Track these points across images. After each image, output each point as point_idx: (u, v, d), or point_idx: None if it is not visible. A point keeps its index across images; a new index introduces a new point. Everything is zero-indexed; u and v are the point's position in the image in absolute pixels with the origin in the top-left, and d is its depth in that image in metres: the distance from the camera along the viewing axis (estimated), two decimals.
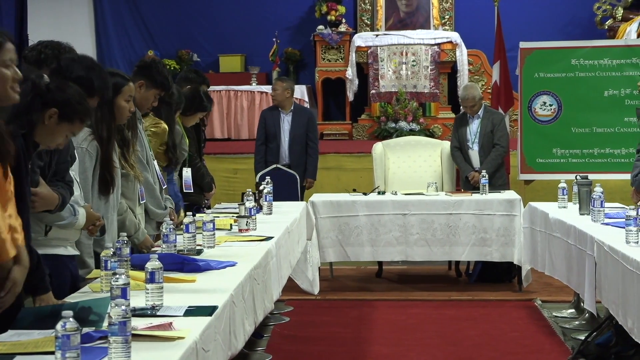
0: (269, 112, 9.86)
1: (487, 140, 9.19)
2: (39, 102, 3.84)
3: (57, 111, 3.86)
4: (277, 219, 6.96)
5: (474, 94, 9.31)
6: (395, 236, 8.47)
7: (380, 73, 13.41)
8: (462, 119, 9.51)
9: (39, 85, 3.88)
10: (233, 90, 13.86)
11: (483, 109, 9.32)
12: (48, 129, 3.87)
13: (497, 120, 9.35)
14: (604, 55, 9.68)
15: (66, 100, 3.90)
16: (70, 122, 3.91)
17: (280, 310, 7.66)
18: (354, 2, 14.50)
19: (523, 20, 13.79)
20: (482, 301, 8.10)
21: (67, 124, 3.90)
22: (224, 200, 8.76)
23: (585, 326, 6.96)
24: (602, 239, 5.71)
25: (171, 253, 4.96)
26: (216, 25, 14.84)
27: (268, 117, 9.74)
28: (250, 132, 13.51)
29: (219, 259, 4.98)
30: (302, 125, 9.66)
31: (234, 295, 4.25)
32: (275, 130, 9.61)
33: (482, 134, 9.24)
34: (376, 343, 6.81)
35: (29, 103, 3.79)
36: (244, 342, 4.55)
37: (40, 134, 3.86)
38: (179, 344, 3.27)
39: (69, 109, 3.89)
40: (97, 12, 15.00)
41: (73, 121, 3.92)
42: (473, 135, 9.27)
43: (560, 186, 7.49)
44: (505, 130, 9.41)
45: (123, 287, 3.58)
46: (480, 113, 9.28)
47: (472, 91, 9.40)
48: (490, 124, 9.25)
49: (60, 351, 2.81)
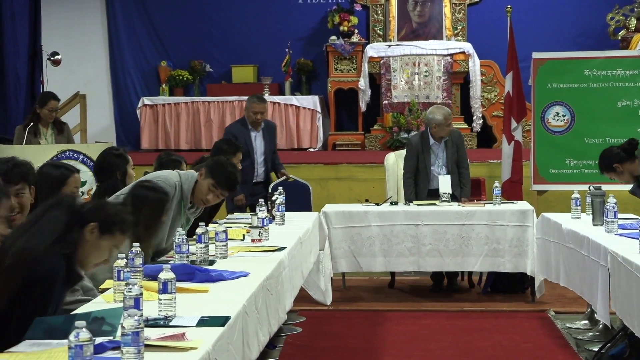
0: (239, 130, 9.26)
1: (453, 164, 8.93)
2: (77, 220, 3.82)
3: (97, 225, 3.84)
4: (290, 230, 6.96)
5: (449, 113, 9.02)
6: (408, 247, 8.45)
7: (393, 83, 13.41)
8: (421, 145, 8.99)
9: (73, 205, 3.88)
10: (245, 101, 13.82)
11: None
12: (91, 246, 3.85)
13: (457, 138, 9.03)
14: (617, 65, 9.66)
15: (104, 213, 3.90)
16: (111, 234, 3.89)
17: (292, 320, 7.65)
18: (366, 13, 14.51)
19: (536, 31, 13.77)
20: (495, 312, 8.07)
21: (109, 236, 3.89)
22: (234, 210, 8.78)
23: (599, 337, 6.93)
24: (616, 250, 5.69)
25: (184, 263, 4.97)
26: (229, 36, 14.85)
27: (239, 135, 9.10)
28: None
29: (232, 269, 4.98)
30: (272, 141, 9.42)
31: (247, 306, 4.25)
32: (247, 149, 9.01)
33: (448, 157, 8.94)
34: (388, 354, 6.79)
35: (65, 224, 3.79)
36: (257, 352, 4.55)
37: (85, 254, 3.84)
38: (191, 354, 3.27)
39: (108, 221, 3.88)
40: (110, 22, 15.04)
41: (114, 233, 3.90)
42: (440, 159, 8.96)
43: (574, 197, 7.47)
44: (465, 152, 9.10)
45: (136, 298, 3.58)
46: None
47: (448, 110, 9.10)
48: (454, 145, 8.98)
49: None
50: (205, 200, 5.93)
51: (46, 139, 9.33)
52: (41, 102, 9.45)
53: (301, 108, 13.86)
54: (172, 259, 5.17)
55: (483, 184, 10.50)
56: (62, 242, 3.72)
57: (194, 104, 13.98)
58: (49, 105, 9.35)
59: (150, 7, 14.97)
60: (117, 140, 14.48)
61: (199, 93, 14.57)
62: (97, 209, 3.90)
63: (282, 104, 13.86)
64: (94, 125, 14.15)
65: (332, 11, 14.31)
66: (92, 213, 3.87)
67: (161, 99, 14.18)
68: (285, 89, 14.32)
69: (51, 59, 13.44)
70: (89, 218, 3.84)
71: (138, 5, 14.98)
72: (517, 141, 10.18)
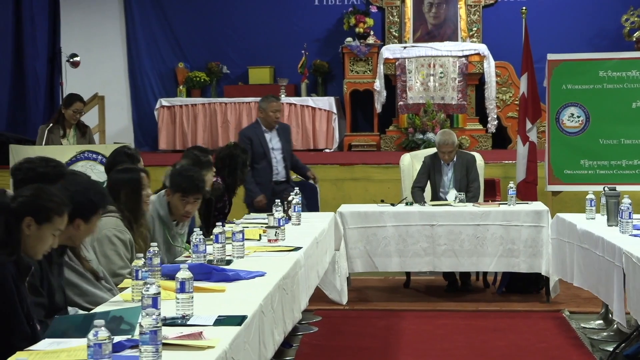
0: (253, 132, 9.25)
1: (463, 184, 9.01)
2: (12, 218, 3.75)
3: (32, 218, 3.78)
4: (306, 230, 6.97)
5: (453, 139, 9.07)
6: (423, 247, 8.44)
7: (408, 85, 13.39)
8: (433, 165, 9.12)
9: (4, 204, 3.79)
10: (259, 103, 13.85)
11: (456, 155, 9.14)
12: (33, 239, 3.80)
13: (470, 161, 9.13)
14: (631, 67, 9.62)
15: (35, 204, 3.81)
16: (49, 221, 3.83)
17: (308, 320, 7.65)
18: (382, 15, 14.50)
19: (550, 32, 13.73)
20: (510, 312, 8.06)
21: (47, 224, 3.83)
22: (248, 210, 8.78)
23: (614, 337, 6.91)
24: (631, 250, 5.67)
25: (201, 263, 4.98)
26: (245, 38, 14.87)
27: (254, 137, 9.13)
28: None
29: (249, 269, 4.99)
30: (288, 140, 9.37)
31: (263, 305, 4.26)
32: (263, 150, 9.08)
33: (456, 179, 9.03)
34: (404, 353, 6.79)
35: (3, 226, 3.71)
36: (273, 351, 4.56)
37: (30, 246, 3.79)
38: (209, 353, 3.28)
39: (42, 211, 3.81)
40: (128, 24, 15.09)
41: (52, 219, 3.84)
42: (448, 181, 9.04)
43: (588, 197, 7.45)
44: (477, 172, 9.18)
45: (154, 297, 3.59)
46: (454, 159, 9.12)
47: (451, 137, 9.13)
48: (464, 168, 9.06)
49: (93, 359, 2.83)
50: (185, 214, 5.93)
51: (68, 139, 9.36)
52: (66, 103, 9.48)
53: (317, 109, 13.86)
54: (189, 259, 5.19)
55: (498, 185, 10.48)
56: (4, 246, 3.67)
57: (211, 105, 14.00)
58: (74, 106, 9.38)
59: (167, 10, 15.01)
60: (135, 141, 14.51)
61: (216, 94, 14.59)
62: (29, 202, 3.80)
63: (298, 105, 13.87)
64: (113, 126, 14.20)
65: (348, 13, 14.32)
66: (25, 207, 3.78)
67: (178, 100, 14.20)
68: (301, 90, 14.33)
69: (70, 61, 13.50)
70: (23, 213, 3.77)
71: (156, 7, 15.02)
72: (531, 142, 10.15)
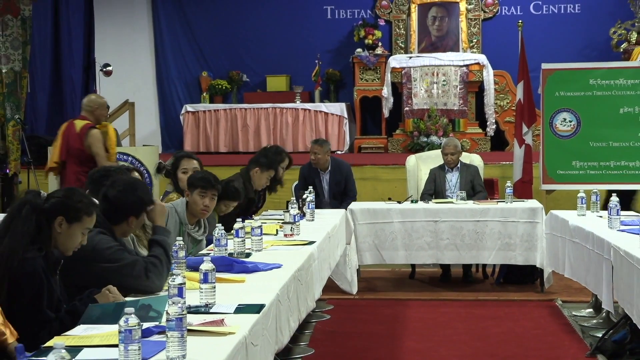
0: (307, 171, 9.15)
1: (467, 189, 8.98)
2: (45, 218, 3.78)
3: (63, 217, 3.81)
4: (319, 225, 6.96)
5: (455, 143, 9.21)
6: (427, 241, 8.43)
7: (414, 92, 13.39)
8: (438, 173, 9.16)
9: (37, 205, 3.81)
10: (279, 108, 13.91)
11: (460, 163, 9.17)
12: (64, 236, 3.83)
13: (474, 171, 9.19)
14: (619, 75, 9.58)
15: (66, 205, 3.84)
16: (79, 220, 3.85)
17: (321, 308, 7.65)
18: (389, 27, 14.51)
19: (545, 44, 13.70)
20: (507, 301, 8.04)
21: (77, 223, 3.85)
22: (271, 207, 8.76)
23: (602, 324, 6.88)
24: (618, 244, 5.65)
25: (223, 256, 4.99)
26: (264, 48, 14.90)
27: (307, 177, 9.07)
28: (294, 145, 13.58)
29: (266, 261, 4.99)
30: (337, 181, 9.14)
31: (280, 295, 4.26)
32: (317, 189, 8.76)
33: (462, 184, 9.05)
34: (409, 339, 6.77)
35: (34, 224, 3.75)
36: (289, 337, 4.56)
37: (61, 243, 3.83)
38: (230, 338, 3.28)
39: (72, 211, 3.83)
40: (157, 36, 15.13)
41: (81, 219, 3.86)
42: (452, 186, 9.07)
43: (579, 196, 7.44)
44: (480, 178, 9.24)
45: (179, 287, 3.59)
46: (458, 166, 9.16)
47: (453, 140, 9.34)
48: (469, 176, 9.11)
49: (123, 344, 2.83)
50: (204, 208, 5.81)
51: None
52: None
53: (329, 114, 13.87)
54: (212, 252, 5.20)
55: (496, 184, 10.45)
56: (36, 242, 3.70)
57: (232, 110, 14.02)
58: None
59: (192, 23, 15.06)
60: (162, 144, 14.55)
61: (236, 100, 14.62)
62: (60, 202, 3.82)
63: (312, 111, 13.89)
64: (142, 130, 14.24)
65: (358, 26, 14.35)
66: (56, 207, 3.81)
67: (202, 106, 14.23)
68: (315, 97, 14.35)
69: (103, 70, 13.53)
70: (54, 213, 3.79)
71: (182, 21, 15.07)
72: (527, 145, 10.12)
